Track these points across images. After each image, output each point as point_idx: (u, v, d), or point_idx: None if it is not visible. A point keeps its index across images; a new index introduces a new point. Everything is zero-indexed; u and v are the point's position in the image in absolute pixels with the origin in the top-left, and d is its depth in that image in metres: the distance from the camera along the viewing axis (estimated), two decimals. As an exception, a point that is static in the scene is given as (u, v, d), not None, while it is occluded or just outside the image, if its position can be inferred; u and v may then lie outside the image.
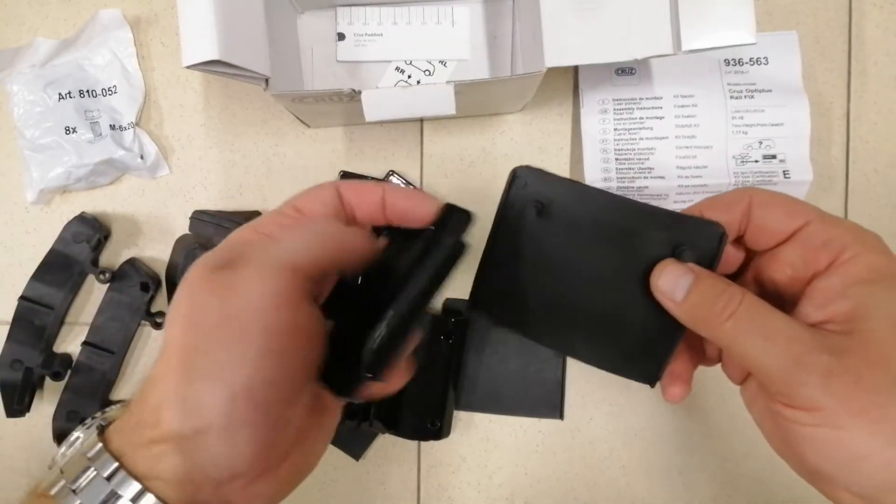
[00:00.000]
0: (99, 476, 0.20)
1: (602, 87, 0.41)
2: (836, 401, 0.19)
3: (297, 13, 0.42)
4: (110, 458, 0.20)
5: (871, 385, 0.19)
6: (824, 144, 0.42)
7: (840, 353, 0.20)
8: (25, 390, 0.42)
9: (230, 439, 0.19)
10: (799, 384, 0.20)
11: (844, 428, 0.19)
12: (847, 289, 0.21)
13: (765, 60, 0.41)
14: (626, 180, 0.40)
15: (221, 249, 0.23)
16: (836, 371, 0.19)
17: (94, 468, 0.20)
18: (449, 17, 0.42)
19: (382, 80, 0.42)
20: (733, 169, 0.40)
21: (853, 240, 0.21)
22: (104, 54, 0.42)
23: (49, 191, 0.42)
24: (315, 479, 0.43)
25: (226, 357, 0.20)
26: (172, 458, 0.19)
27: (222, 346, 0.20)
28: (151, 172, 0.43)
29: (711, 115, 0.40)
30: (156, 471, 0.20)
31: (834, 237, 0.21)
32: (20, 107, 0.42)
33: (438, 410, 0.41)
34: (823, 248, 0.21)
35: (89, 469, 0.20)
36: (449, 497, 0.43)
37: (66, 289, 0.42)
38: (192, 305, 0.21)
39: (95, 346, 0.42)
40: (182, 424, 0.19)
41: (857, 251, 0.21)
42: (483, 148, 0.43)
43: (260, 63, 0.32)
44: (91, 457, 0.20)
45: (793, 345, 0.20)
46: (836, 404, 0.19)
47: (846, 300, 0.21)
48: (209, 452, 0.19)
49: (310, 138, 0.43)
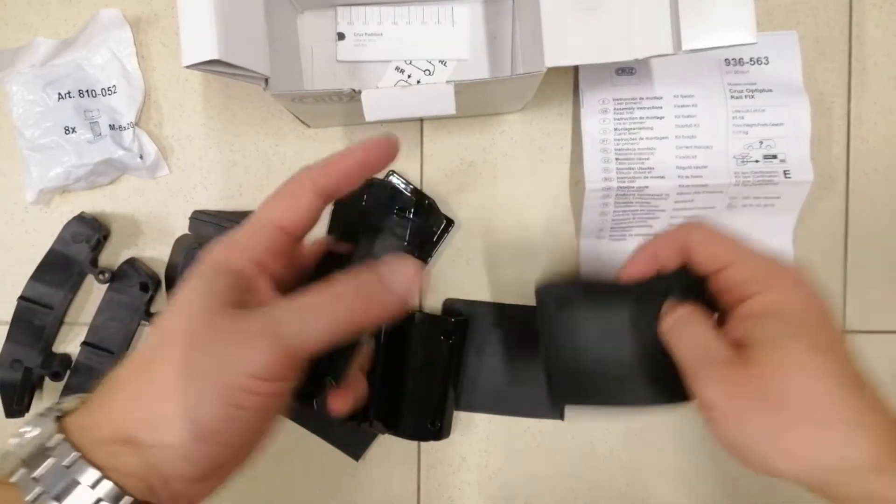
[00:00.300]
0: (59, 464, 0.20)
1: (602, 86, 0.41)
2: (725, 403, 0.25)
3: (297, 13, 0.42)
4: (70, 447, 0.21)
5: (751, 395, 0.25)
6: (825, 144, 0.42)
7: (734, 367, 0.26)
8: (25, 390, 0.42)
9: (188, 456, 0.21)
10: (702, 386, 0.26)
11: (728, 425, 0.25)
12: (748, 319, 0.26)
13: (765, 60, 0.41)
14: (627, 180, 0.40)
15: (230, 275, 0.23)
16: (729, 380, 0.26)
17: (53, 457, 0.21)
18: (449, 17, 0.42)
19: (382, 80, 0.42)
20: (733, 169, 0.40)
21: (764, 280, 0.27)
22: (104, 54, 0.42)
23: (48, 191, 0.42)
24: (315, 478, 0.43)
25: (203, 403, 0.21)
26: (130, 458, 0.21)
27: (202, 392, 0.21)
28: (151, 172, 0.43)
29: (712, 115, 0.40)
30: (112, 464, 0.21)
31: (748, 277, 0.27)
32: (20, 106, 0.42)
33: (438, 410, 0.41)
34: (742, 284, 0.27)
35: (49, 458, 0.21)
36: (449, 497, 0.43)
37: (66, 289, 0.42)
38: (188, 333, 0.22)
39: (95, 346, 0.42)
40: (144, 436, 0.21)
41: (764, 289, 0.26)
42: (483, 148, 0.43)
43: (260, 63, 0.32)
44: (50, 447, 0.21)
45: (704, 355, 0.27)
46: (724, 406, 0.25)
47: (748, 328, 0.26)
48: (166, 461, 0.21)
49: (310, 138, 0.43)
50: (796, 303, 0.26)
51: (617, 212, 0.41)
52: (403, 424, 0.41)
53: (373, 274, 0.24)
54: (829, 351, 0.25)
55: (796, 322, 0.26)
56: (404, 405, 0.41)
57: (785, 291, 0.26)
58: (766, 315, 0.26)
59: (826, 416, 0.24)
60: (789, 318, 0.26)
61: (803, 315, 0.26)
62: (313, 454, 0.43)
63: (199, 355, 0.21)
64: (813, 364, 0.25)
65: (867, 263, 0.43)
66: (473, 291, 0.43)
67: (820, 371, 0.25)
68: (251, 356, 0.21)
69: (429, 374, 0.41)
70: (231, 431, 0.21)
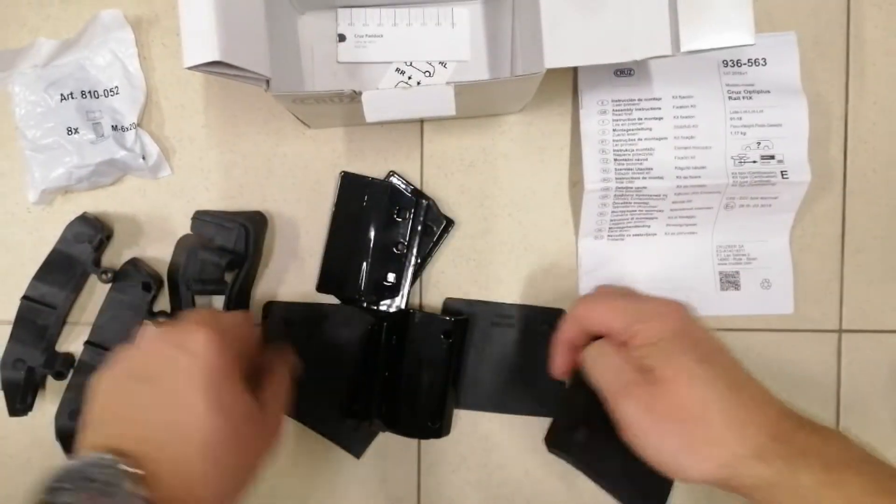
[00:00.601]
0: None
1: (601, 87, 0.41)
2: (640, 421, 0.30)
3: (298, 14, 0.42)
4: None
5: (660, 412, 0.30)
6: (823, 145, 0.43)
7: (642, 386, 0.30)
8: (28, 390, 0.42)
9: None
10: (620, 408, 0.31)
11: (648, 443, 0.30)
12: (642, 348, 0.31)
13: (763, 61, 0.41)
14: (625, 181, 0.40)
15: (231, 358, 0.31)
16: (640, 398, 0.30)
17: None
18: (449, 19, 0.42)
19: (383, 81, 0.42)
20: (731, 169, 0.40)
21: (643, 316, 0.32)
22: (105, 55, 0.43)
23: (51, 191, 0.43)
24: (316, 477, 0.43)
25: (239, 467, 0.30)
26: None
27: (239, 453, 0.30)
28: (153, 173, 0.43)
29: (710, 116, 0.40)
30: None
31: (630, 319, 0.32)
32: (22, 107, 0.42)
33: (438, 409, 0.41)
34: (628, 327, 0.32)
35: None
36: (449, 496, 0.44)
37: (69, 288, 0.42)
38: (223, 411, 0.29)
39: (97, 345, 0.42)
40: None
41: (646, 322, 0.32)
42: (483, 148, 0.43)
43: (261, 64, 0.32)
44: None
45: (618, 379, 0.32)
46: (640, 424, 0.30)
47: (644, 354, 0.31)
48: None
49: (310, 139, 0.43)
50: (675, 326, 0.31)
51: (615, 212, 0.41)
52: (404, 422, 0.41)
53: None
54: (713, 360, 0.30)
55: (679, 341, 0.31)
56: (405, 403, 0.41)
57: (662, 320, 0.32)
58: (653, 342, 0.31)
59: (718, 420, 0.28)
60: (672, 338, 0.31)
61: (684, 335, 0.31)
62: (314, 452, 0.43)
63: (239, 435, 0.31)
64: (703, 372, 0.29)
65: (864, 263, 0.43)
66: (473, 291, 0.43)
67: (710, 377, 0.29)
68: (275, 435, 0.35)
69: (429, 373, 0.41)
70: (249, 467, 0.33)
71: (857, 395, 0.43)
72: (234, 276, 0.41)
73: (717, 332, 0.33)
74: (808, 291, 0.43)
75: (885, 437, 0.43)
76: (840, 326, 0.43)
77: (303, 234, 0.44)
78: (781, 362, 0.43)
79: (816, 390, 0.43)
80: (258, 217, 0.42)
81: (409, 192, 0.42)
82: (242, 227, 0.41)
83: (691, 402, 0.29)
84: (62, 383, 0.42)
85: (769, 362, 0.43)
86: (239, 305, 0.42)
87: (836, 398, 0.43)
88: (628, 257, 0.42)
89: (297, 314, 0.43)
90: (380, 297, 0.42)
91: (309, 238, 0.43)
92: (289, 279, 0.44)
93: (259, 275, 0.44)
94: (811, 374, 0.43)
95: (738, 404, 0.29)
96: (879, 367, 0.43)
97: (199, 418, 0.28)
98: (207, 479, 0.28)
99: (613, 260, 0.42)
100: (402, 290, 0.42)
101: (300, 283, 0.43)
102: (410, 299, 0.43)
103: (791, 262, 0.42)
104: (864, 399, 0.43)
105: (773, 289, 0.42)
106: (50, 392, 0.44)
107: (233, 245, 0.40)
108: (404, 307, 0.42)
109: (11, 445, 0.45)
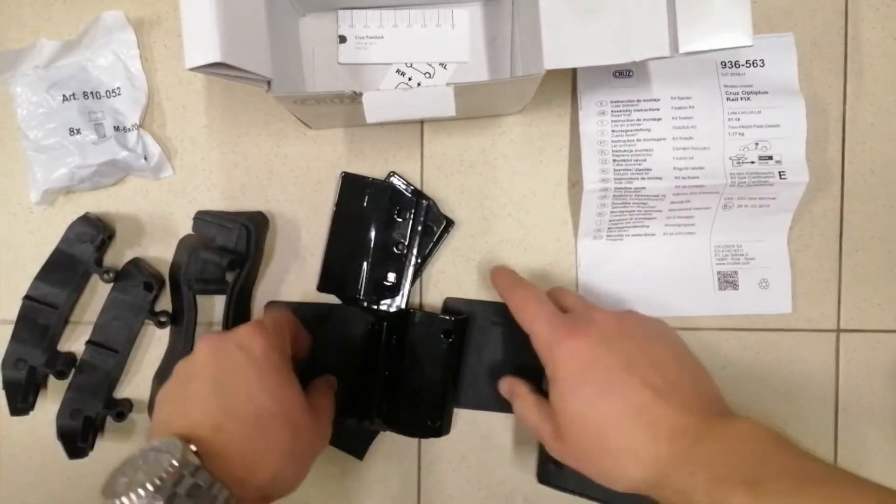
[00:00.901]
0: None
1: (600, 88, 0.41)
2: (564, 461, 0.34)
3: (299, 16, 0.43)
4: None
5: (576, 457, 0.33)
6: (821, 145, 0.43)
7: (557, 441, 0.33)
8: (29, 389, 0.42)
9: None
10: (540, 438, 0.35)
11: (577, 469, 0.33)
12: (549, 385, 0.34)
13: (761, 62, 0.41)
14: (624, 181, 0.40)
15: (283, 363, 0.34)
16: (557, 451, 0.34)
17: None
18: (449, 20, 0.42)
19: (383, 83, 0.43)
20: (730, 170, 0.40)
21: (543, 358, 0.34)
22: (107, 56, 0.43)
23: (53, 191, 0.43)
24: (316, 477, 0.44)
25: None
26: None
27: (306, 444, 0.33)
28: (155, 173, 0.44)
29: (708, 117, 0.41)
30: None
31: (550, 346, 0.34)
32: (24, 108, 0.42)
33: (439, 408, 0.41)
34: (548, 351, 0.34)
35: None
36: (449, 494, 0.44)
37: (70, 288, 0.42)
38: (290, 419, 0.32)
39: (99, 344, 0.42)
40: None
41: (546, 365, 0.34)
42: (483, 149, 0.43)
43: (262, 65, 0.32)
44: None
45: (534, 428, 0.35)
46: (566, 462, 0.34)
47: (551, 392, 0.34)
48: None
49: (311, 139, 0.44)
50: (572, 365, 0.33)
51: (614, 212, 0.41)
52: (404, 422, 0.41)
53: None
54: (613, 389, 0.31)
55: (573, 379, 0.32)
56: (405, 403, 0.41)
57: (555, 362, 0.33)
58: (552, 383, 0.33)
59: (625, 445, 0.30)
60: (567, 378, 0.33)
61: (582, 371, 0.32)
62: (315, 452, 0.44)
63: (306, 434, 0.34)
64: (604, 404, 0.31)
65: (862, 264, 0.43)
66: (473, 291, 0.43)
67: (609, 408, 0.31)
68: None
69: (429, 372, 0.41)
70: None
71: (855, 394, 0.43)
72: (236, 275, 0.41)
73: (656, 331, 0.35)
74: (806, 291, 0.43)
75: (884, 437, 0.43)
76: (838, 326, 0.43)
77: (304, 234, 0.44)
78: (780, 362, 0.43)
79: (815, 390, 0.43)
80: (259, 217, 0.43)
81: (410, 193, 0.42)
82: (244, 227, 0.41)
83: (599, 439, 0.31)
84: (63, 383, 0.43)
85: (767, 362, 0.43)
86: (240, 305, 0.42)
87: (835, 397, 0.43)
88: (627, 257, 0.43)
89: (297, 314, 0.43)
90: (380, 297, 0.42)
91: (310, 238, 0.44)
92: (290, 279, 0.44)
93: (260, 275, 0.44)
94: (809, 374, 0.43)
95: (640, 426, 0.30)
96: (877, 366, 0.43)
97: (256, 401, 0.31)
98: (265, 457, 0.30)
99: (612, 260, 0.43)
100: (403, 290, 0.42)
101: (301, 282, 0.44)
102: (410, 299, 0.43)
103: (789, 262, 0.43)
104: (863, 398, 0.43)
105: (772, 288, 0.43)
106: (51, 391, 0.44)
107: (234, 245, 0.41)
108: (404, 307, 0.42)
109: (13, 445, 0.45)
